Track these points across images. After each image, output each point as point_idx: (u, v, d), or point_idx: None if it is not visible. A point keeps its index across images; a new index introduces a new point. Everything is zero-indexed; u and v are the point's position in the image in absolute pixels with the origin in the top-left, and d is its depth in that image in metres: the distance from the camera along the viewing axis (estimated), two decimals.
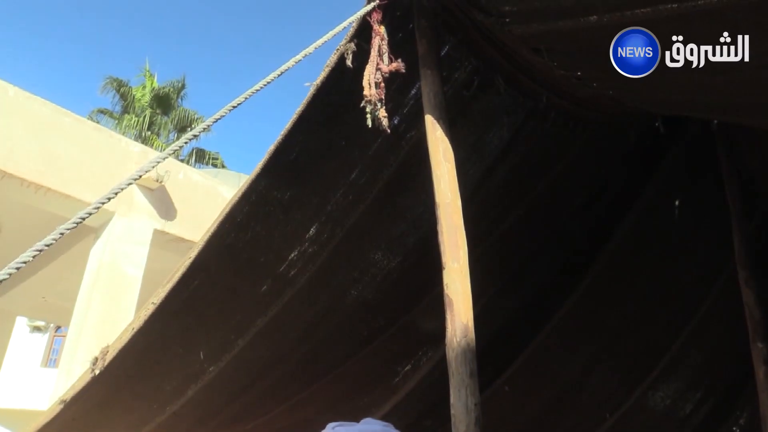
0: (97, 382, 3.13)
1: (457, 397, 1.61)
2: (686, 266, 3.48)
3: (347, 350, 3.15)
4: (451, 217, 1.80)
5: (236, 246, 2.62)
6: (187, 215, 7.27)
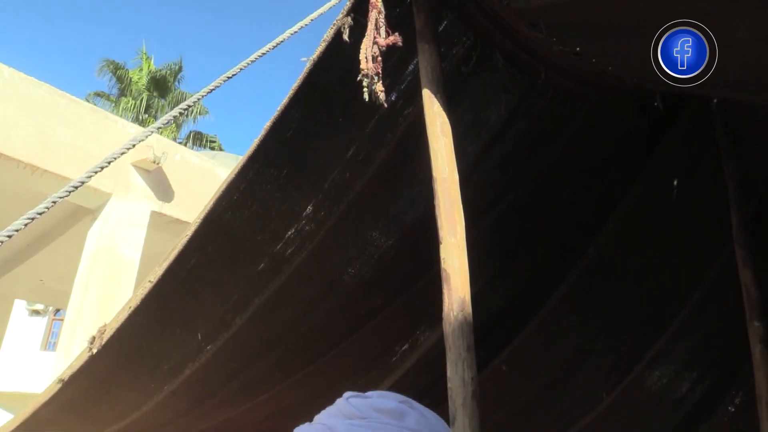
0: (95, 361, 3.13)
1: (454, 371, 1.61)
2: (684, 246, 3.48)
3: (345, 329, 3.15)
4: (448, 192, 1.79)
5: (233, 224, 2.61)
6: (185, 197, 7.26)
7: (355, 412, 0.81)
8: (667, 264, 3.50)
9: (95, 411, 3.85)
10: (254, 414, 3.78)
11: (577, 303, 3.45)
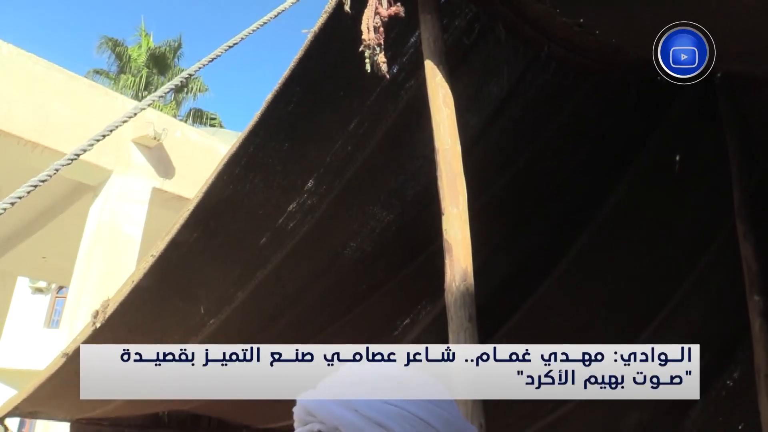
0: (99, 335, 3.15)
1: (456, 341, 1.62)
2: (686, 221, 3.48)
3: (347, 303, 3.17)
4: (450, 163, 1.79)
5: (234, 198, 2.61)
6: (186, 174, 7.26)
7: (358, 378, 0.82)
8: (668, 239, 3.50)
9: None
10: None
11: (577, 278, 3.47)
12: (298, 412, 0.81)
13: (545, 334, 3.83)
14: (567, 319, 3.77)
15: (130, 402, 4.04)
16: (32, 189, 1.04)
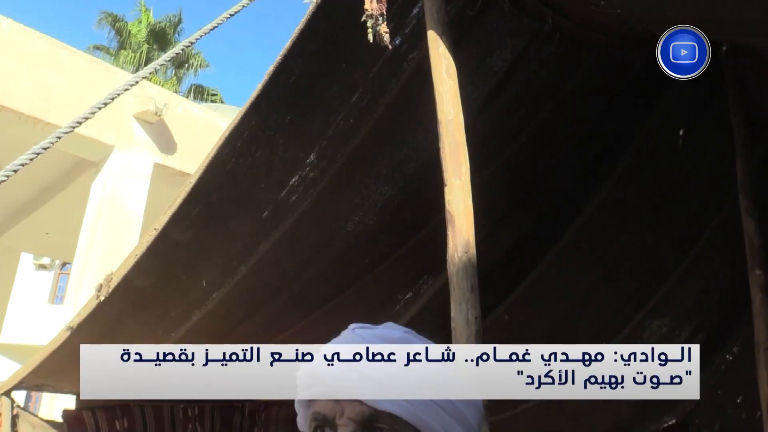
0: (103, 309, 3.17)
1: (458, 311, 1.64)
2: (689, 195, 3.48)
3: (349, 277, 3.18)
4: (453, 134, 1.78)
5: (237, 172, 2.61)
6: (188, 149, 7.24)
7: (360, 341, 0.82)
8: (670, 213, 3.50)
9: None
10: None
11: (579, 252, 3.47)
12: (301, 376, 0.83)
13: (547, 308, 3.86)
14: (568, 292, 3.79)
15: None
16: (34, 156, 1.04)
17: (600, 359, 0.82)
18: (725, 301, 3.98)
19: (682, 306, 3.93)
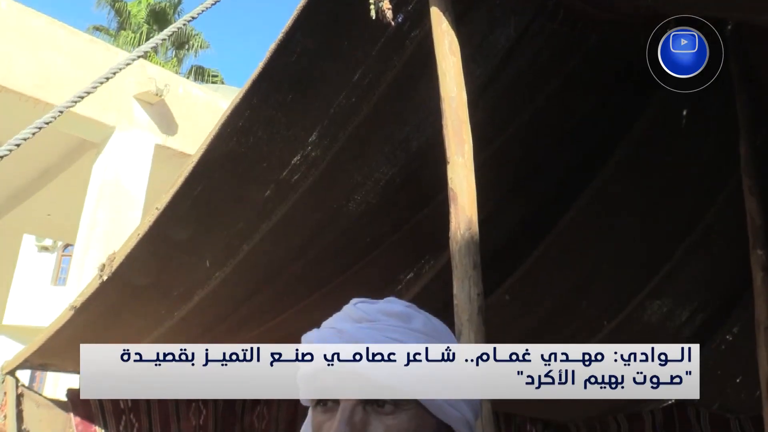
0: (106, 288, 3.19)
1: (461, 288, 1.64)
2: (691, 176, 3.46)
3: (351, 257, 3.19)
4: (456, 112, 1.77)
5: (238, 151, 2.60)
6: (189, 130, 7.22)
7: (363, 315, 0.82)
8: (673, 194, 3.49)
9: (107, 338, 3.95)
10: (262, 340, 3.88)
11: (582, 232, 3.47)
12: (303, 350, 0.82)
13: (548, 288, 3.86)
14: (570, 273, 3.79)
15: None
16: (36, 131, 1.03)
17: (600, 359, 0.83)
18: (726, 282, 3.98)
19: (683, 286, 3.93)
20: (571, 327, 4.06)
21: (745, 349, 3.70)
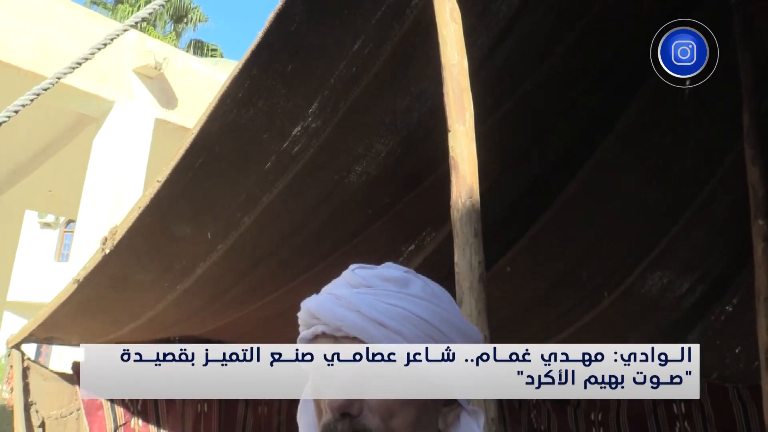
0: (108, 261, 3.20)
1: (462, 256, 1.64)
2: (694, 146, 3.44)
3: (352, 229, 3.19)
4: (457, 80, 1.75)
5: (238, 123, 2.59)
6: (189, 104, 7.18)
7: (361, 281, 0.83)
8: (675, 164, 3.48)
9: (111, 311, 3.98)
10: (265, 312, 3.91)
11: (583, 203, 3.47)
12: (302, 316, 0.83)
13: (549, 260, 3.88)
14: (570, 245, 3.80)
15: (142, 327, 4.14)
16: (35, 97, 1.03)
17: (600, 359, 0.83)
18: (727, 253, 3.99)
19: (684, 257, 3.94)
20: (572, 299, 4.08)
21: (745, 320, 3.72)
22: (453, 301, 0.87)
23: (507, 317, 3.85)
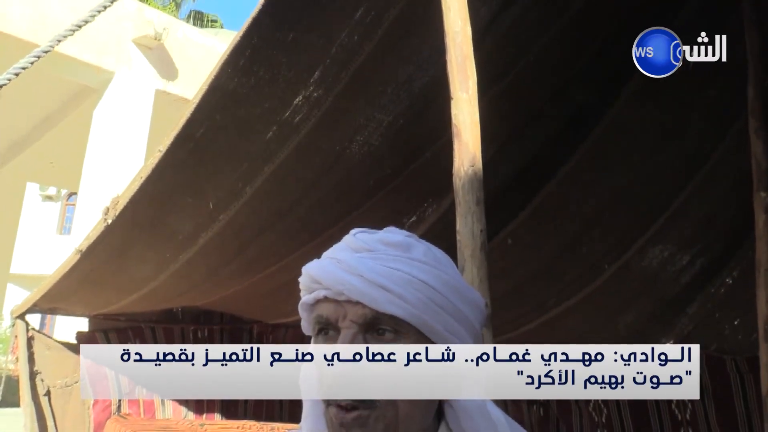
0: (111, 231, 3.21)
1: (464, 224, 1.64)
2: (697, 119, 3.42)
3: (353, 200, 3.19)
4: (460, 47, 1.74)
5: (239, 92, 2.57)
6: (189, 75, 7.13)
7: (363, 245, 0.82)
8: (678, 137, 3.46)
9: (114, 281, 4.01)
10: (267, 284, 3.93)
11: (584, 175, 3.46)
12: (304, 281, 0.82)
13: (549, 234, 3.88)
14: (571, 218, 3.80)
15: (145, 298, 4.17)
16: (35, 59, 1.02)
17: (600, 359, 0.83)
18: (728, 226, 3.99)
19: (685, 230, 3.94)
20: (572, 272, 4.09)
21: (745, 293, 3.73)
22: (455, 266, 0.87)
23: (508, 289, 3.88)
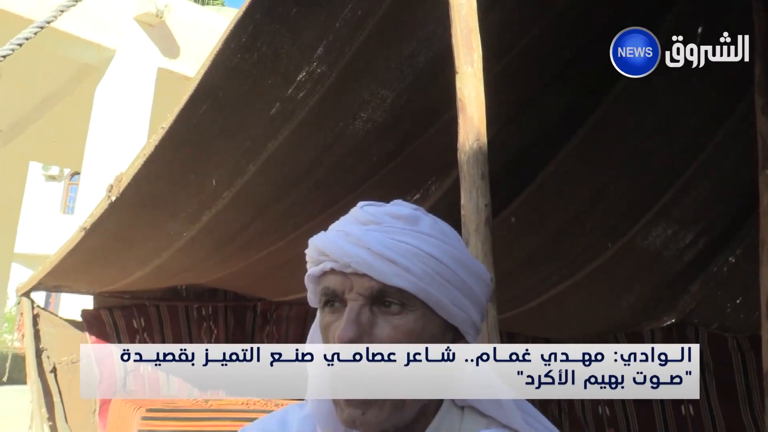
0: (115, 209, 3.21)
1: (468, 198, 1.64)
2: (703, 96, 3.40)
3: (357, 176, 3.19)
4: (465, 19, 1.72)
5: (242, 68, 2.55)
6: (191, 53, 7.09)
7: (370, 218, 0.82)
8: (683, 115, 3.44)
9: (118, 258, 4.03)
10: (271, 261, 3.94)
11: (589, 153, 3.45)
12: (310, 253, 0.82)
13: (553, 211, 3.88)
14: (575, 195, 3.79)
15: (150, 276, 4.19)
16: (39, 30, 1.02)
17: (600, 359, 0.84)
18: (732, 205, 3.98)
19: (689, 209, 3.94)
20: (575, 249, 4.10)
21: (747, 271, 3.74)
22: (461, 239, 0.87)
23: (511, 267, 3.89)
